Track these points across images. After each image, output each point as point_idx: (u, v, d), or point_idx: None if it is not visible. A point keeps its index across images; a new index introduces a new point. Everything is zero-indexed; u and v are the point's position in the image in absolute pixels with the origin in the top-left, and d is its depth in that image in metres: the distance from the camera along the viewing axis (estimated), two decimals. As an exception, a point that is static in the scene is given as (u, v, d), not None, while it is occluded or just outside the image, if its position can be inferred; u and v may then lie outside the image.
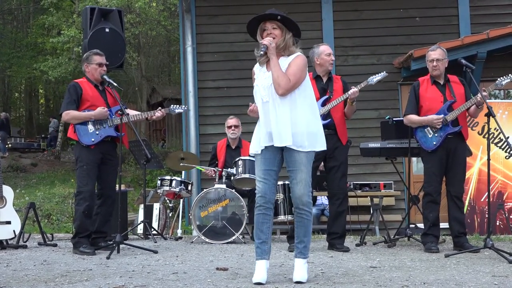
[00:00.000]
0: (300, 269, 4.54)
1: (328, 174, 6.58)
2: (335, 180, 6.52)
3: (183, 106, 7.13)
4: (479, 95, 6.18)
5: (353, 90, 6.45)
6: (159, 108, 6.83)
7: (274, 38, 4.51)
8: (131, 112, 6.64)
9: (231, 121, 8.28)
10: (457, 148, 6.42)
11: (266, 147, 4.55)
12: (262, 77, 4.61)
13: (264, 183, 4.54)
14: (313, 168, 6.40)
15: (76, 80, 6.64)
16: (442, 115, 6.33)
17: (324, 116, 6.37)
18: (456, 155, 6.40)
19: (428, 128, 6.44)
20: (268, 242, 4.58)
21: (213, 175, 8.14)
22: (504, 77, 6.37)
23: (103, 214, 6.51)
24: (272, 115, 4.50)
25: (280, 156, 4.60)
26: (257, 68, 4.71)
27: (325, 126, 6.35)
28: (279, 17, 4.51)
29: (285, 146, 4.50)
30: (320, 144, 4.61)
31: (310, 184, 4.61)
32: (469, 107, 6.37)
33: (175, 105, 7.00)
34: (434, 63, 6.45)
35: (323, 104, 6.43)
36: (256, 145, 4.63)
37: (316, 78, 6.58)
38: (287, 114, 4.48)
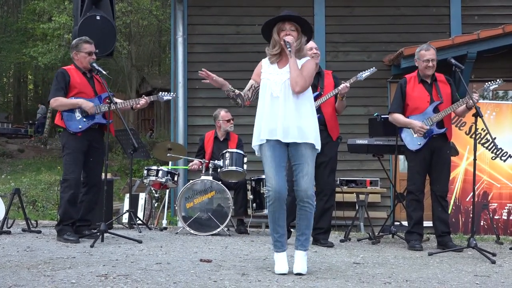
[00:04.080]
0: (301, 261, 4.61)
1: (316, 169, 6.54)
2: (324, 176, 6.51)
3: (172, 93, 7.14)
4: (467, 98, 6.16)
5: (343, 85, 6.44)
6: (143, 96, 6.82)
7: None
8: (117, 101, 6.58)
9: (228, 114, 8.24)
10: (442, 148, 6.42)
11: (274, 144, 4.60)
12: (274, 73, 4.69)
13: (277, 180, 4.57)
14: None
15: (64, 67, 6.57)
16: (427, 126, 6.31)
17: None
18: (440, 155, 6.41)
19: None
20: (285, 234, 4.69)
21: (200, 167, 8.12)
22: (492, 82, 6.37)
23: (87, 202, 6.47)
24: (281, 110, 4.60)
25: (287, 152, 4.67)
26: (265, 63, 4.78)
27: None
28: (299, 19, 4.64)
29: (292, 142, 4.58)
30: (319, 144, 4.71)
31: (314, 177, 4.72)
32: (455, 109, 6.38)
33: (163, 92, 7.00)
34: (430, 63, 6.41)
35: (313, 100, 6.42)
36: (256, 139, 4.68)
37: None
38: (296, 110, 4.60)
